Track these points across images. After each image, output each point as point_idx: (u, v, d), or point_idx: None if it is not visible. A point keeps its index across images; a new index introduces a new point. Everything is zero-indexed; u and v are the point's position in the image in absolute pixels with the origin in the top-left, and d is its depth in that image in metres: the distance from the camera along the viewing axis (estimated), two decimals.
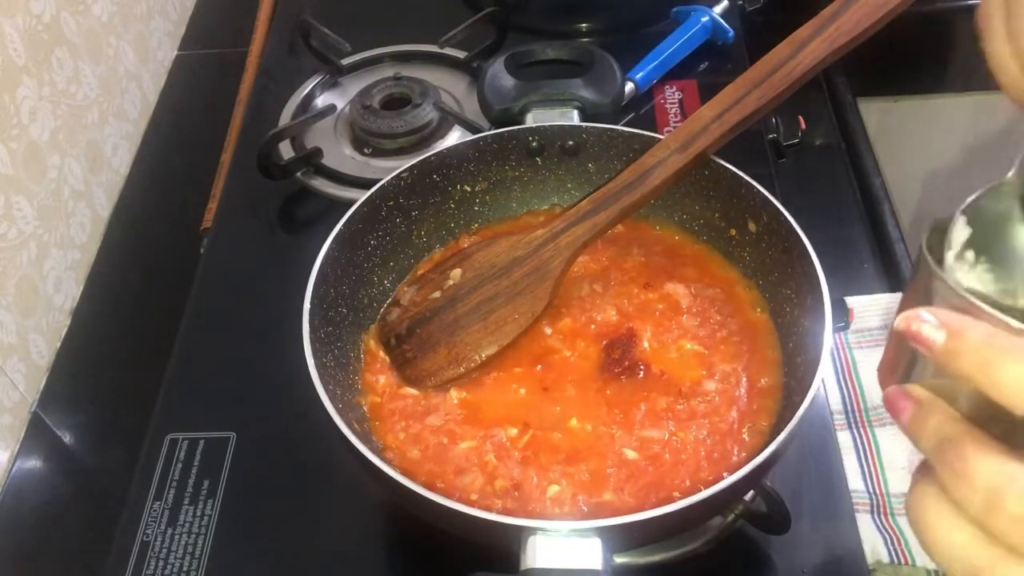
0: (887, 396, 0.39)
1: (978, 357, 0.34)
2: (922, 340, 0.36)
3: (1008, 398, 0.33)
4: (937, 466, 0.36)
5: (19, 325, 0.81)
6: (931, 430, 0.36)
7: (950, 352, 0.35)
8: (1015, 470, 0.33)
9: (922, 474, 0.37)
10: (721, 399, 0.64)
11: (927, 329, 0.36)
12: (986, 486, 0.33)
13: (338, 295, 0.68)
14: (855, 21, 0.61)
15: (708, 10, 1.00)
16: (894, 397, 0.38)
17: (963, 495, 0.34)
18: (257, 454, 0.73)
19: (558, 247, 0.67)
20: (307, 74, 1.03)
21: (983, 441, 0.34)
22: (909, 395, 0.38)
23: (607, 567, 0.51)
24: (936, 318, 0.36)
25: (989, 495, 0.33)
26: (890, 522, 0.71)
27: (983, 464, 0.34)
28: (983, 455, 0.34)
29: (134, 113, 1.06)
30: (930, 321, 0.36)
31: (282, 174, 0.91)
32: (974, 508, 0.34)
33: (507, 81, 0.88)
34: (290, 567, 0.67)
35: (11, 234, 0.81)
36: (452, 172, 0.75)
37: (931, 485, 0.36)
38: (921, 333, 0.36)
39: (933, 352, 0.35)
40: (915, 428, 0.37)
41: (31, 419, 0.81)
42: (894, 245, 0.89)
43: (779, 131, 0.92)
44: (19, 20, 0.84)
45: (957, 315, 0.36)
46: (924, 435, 0.37)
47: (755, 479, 0.57)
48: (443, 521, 0.55)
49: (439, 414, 0.65)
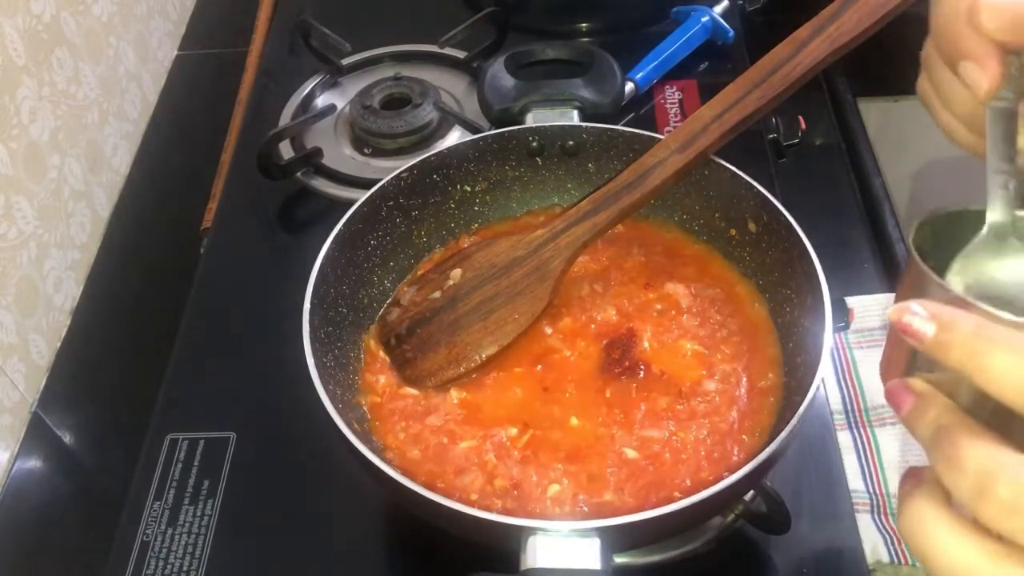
0: (888, 389, 0.39)
1: (968, 348, 0.35)
2: (913, 332, 0.36)
3: (998, 388, 0.34)
4: (931, 455, 0.36)
5: (19, 325, 0.81)
6: (928, 421, 0.37)
7: (940, 344, 0.35)
8: (1007, 457, 0.34)
9: (911, 484, 0.38)
10: (721, 399, 0.64)
11: (917, 322, 0.36)
12: (976, 470, 0.34)
13: (338, 295, 0.68)
14: (855, 21, 0.61)
15: (708, 10, 1.00)
16: (895, 390, 0.39)
17: (954, 480, 0.35)
18: (257, 454, 0.73)
19: (558, 247, 0.67)
20: (307, 74, 1.03)
21: (976, 430, 0.35)
22: (910, 388, 0.38)
23: (607, 567, 0.51)
24: (926, 310, 0.36)
25: (980, 479, 0.34)
26: (890, 522, 0.71)
27: (974, 451, 0.34)
28: (975, 442, 0.34)
29: (134, 113, 1.06)
30: (920, 314, 0.36)
31: (282, 174, 0.91)
32: (965, 494, 0.34)
33: (507, 81, 0.88)
34: (290, 567, 0.67)
35: (11, 234, 0.81)
36: (452, 172, 0.75)
37: (923, 495, 0.37)
38: (912, 326, 0.36)
39: (924, 344, 0.36)
40: (914, 420, 0.38)
41: (31, 419, 0.81)
42: (894, 245, 0.89)
43: (779, 131, 0.92)
44: (19, 20, 0.84)
45: (947, 307, 0.36)
46: (921, 426, 0.37)
47: (755, 479, 0.57)
48: (443, 521, 0.55)
49: (439, 414, 0.65)
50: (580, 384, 0.66)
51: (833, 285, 0.61)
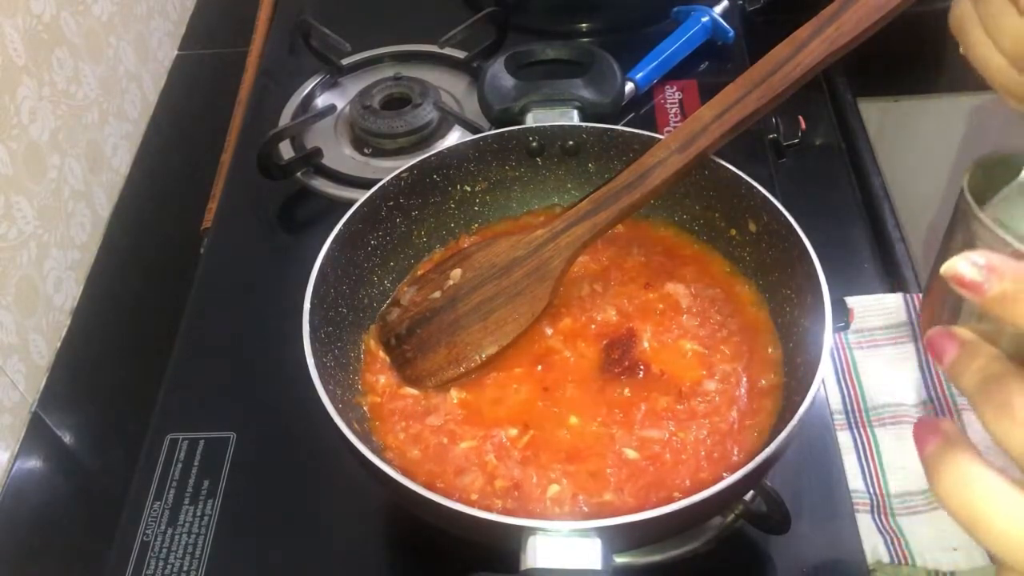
0: (930, 337, 0.37)
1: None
2: (972, 286, 0.34)
3: None
4: (979, 405, 0.34)
5: (19, 325, 0.81)
6: (975, 369, 0.35)
7: (1006, 298, 0.33)
8: None
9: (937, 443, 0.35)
10: (721, 399, 0.64)
11: (976, 273, 0.34)
12: None
13: (338, 295, 0.68)
14: (855, 21, 0.60)
15: (708, 10, 1.00)
16: (938, 337, 0.37)
17: (1006, 432, 0.32)
18: (257, 454, 0.73)
19: (558, 247, 0.67)
20: (307, 74, 1.03)
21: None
22: (953, 335, 0.36)
23: (607, 567, 0.51)
24: (987, 260, 0.34)
25: None
26: (890, 522, 0.71)
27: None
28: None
29: (134, 113, 1.06)
30: (980, 263, 0.34)
31: (282, 174, 0.91)
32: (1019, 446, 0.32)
33: (507, 81, 0.88)
34: (290, 567, 0.67)
35: (11, 234, 0.81)
36: (452, 172, 0.75)
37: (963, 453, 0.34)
38: (969, 278, 0.34)
39: (985, 298, 0.34)
40: (958, 368, 0.35)
41: (31, 419, 0.81)
42: (894, 245, 0.89)
43: (779, 131, 0.92)
44: (19, 20, 0.84)
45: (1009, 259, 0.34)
46: (967, 374, 0.35)
47: (755, 479, 0.57)
48: (443, 521, 0.55)
49: (439, 414, 0.65)
50: (580, 384, 0.66)
51: (833, 285, 0.61)
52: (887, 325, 0.81)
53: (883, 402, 0.77)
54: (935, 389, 0.78)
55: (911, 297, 0.82)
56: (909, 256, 0.89)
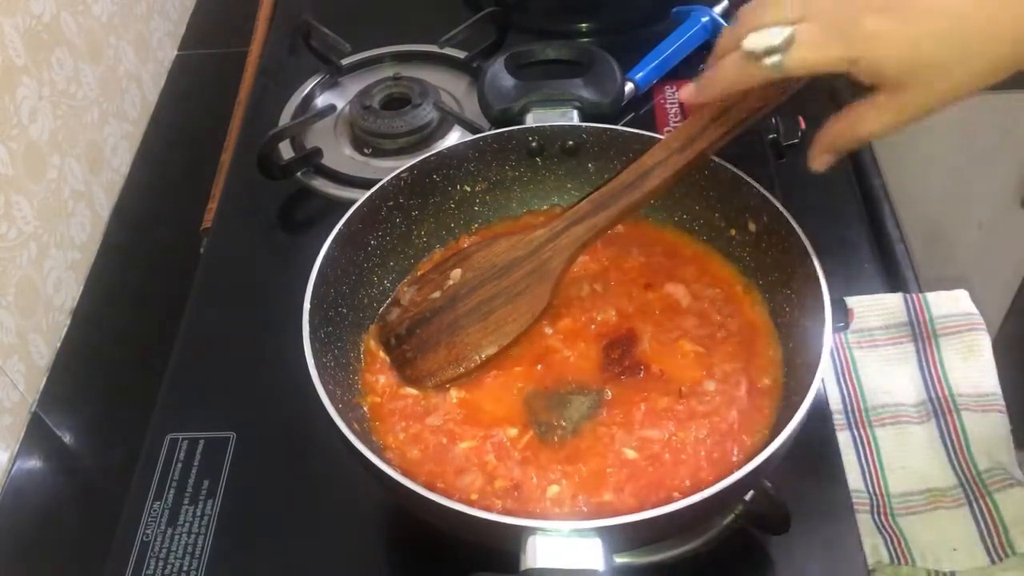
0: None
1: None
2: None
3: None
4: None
5: (19, 325, 0.81)
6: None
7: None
8: None
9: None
10: (721, 399, 0.64)
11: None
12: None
13: (338, 295, 0.68)
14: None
15: (708, 10, 1.00)
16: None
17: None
18: (257, 454, 0.73)
19: (558, 247, 0.67)
20: (307, 74, 1.03)
21: None
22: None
23: (607, 567, 0.51)
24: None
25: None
26: (890, 522, 0.71)
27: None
28: None
29: (134, 113, 1.06)
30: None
31: (282, 174, 0.91)
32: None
33: (507, 81, 0.88)
34: (290, 567, 0.67)
35: (11, 234, 0.81)
36: (452, 172, 0.75)
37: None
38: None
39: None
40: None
41: (31, 419, 0.81)
42: (894, 245, 0.89)
43: (779, 131, 0.92)
44: (19, 20, 0.84)
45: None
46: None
47: (755, 479, 0.57)
48: (443, 521, 0.55)
49: (439, 414, 0.65)
50: (580, 384, 0.66)
51: (833, 285, 0.61)
52: (887, 325, 0.82)
53: (883, 402, 0.77)
54: (935, 389, 0.78)
55: (911, 297, 0.82)
56: (909, 256, 0.89)
